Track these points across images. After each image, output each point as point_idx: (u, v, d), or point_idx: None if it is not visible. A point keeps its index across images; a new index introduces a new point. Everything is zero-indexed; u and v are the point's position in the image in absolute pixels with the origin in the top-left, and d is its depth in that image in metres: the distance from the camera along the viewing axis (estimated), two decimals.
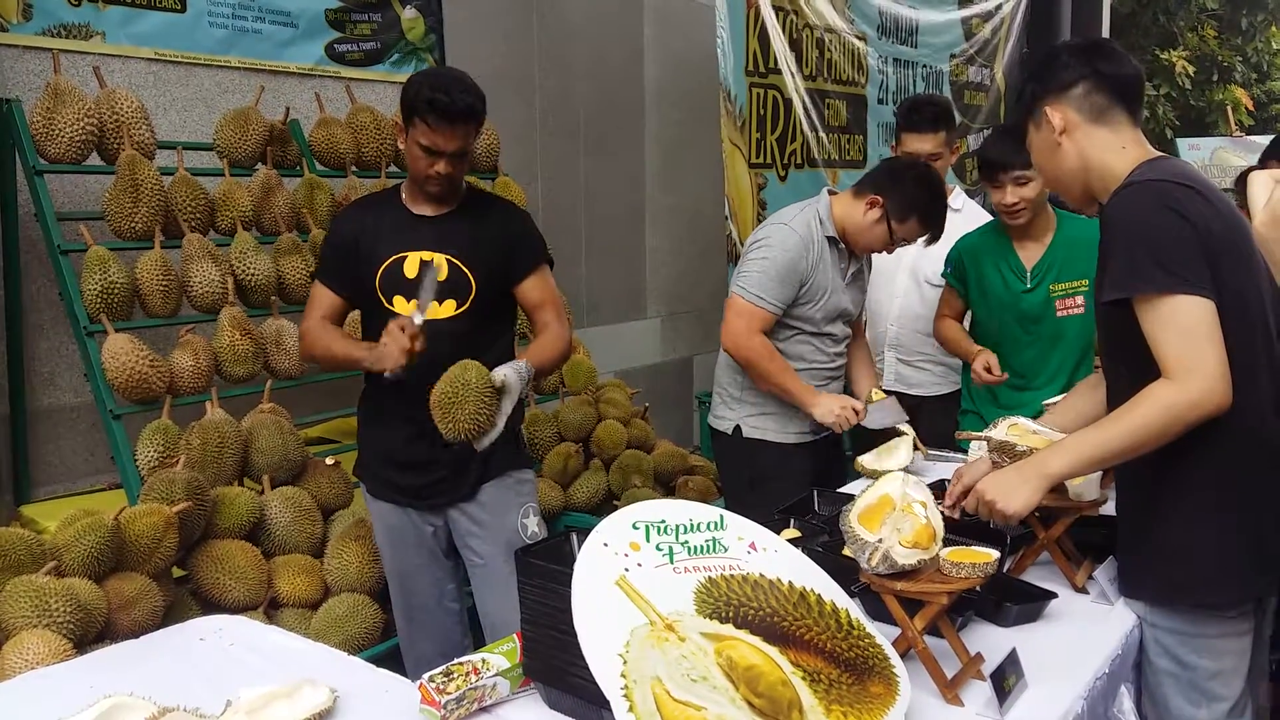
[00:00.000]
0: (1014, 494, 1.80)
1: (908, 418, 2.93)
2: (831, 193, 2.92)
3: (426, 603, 2.63)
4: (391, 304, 2.45)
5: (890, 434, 2.88)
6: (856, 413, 2.80)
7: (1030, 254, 3.00)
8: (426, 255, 2.43)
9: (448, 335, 2.40)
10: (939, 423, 3.31)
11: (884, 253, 2.91)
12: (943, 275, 3.21)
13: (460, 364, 2.20)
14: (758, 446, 2.89)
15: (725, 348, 2.85)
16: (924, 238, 2.81)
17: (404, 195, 2.53)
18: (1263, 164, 3.07)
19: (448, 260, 2.44)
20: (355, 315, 2.73)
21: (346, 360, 2.46)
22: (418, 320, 2.28)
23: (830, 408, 2.79)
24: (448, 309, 2.44)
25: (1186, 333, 1.67)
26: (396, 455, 2.53)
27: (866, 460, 2.78)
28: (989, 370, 2.91)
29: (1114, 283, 1.76)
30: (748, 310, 2.76)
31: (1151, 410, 1.70)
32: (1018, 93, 2.10)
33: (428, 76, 2.42)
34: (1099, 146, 1.87)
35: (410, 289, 2.42)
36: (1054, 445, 1.85)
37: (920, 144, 3.30)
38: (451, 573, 2.65)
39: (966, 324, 3.26)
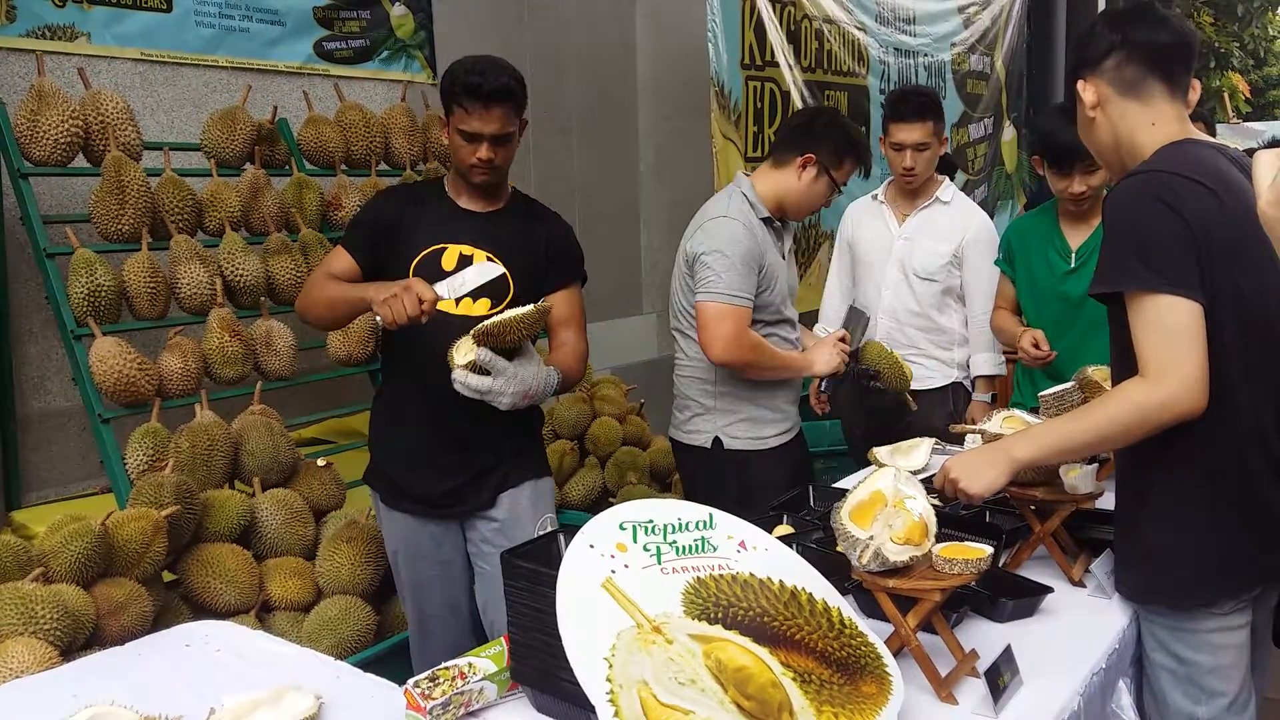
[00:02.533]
0: (979, 475, 1.78)
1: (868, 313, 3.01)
2: (748, 175, 2.83)
3: (440, 613, 2.55)
4: None
5: (908, 432, 2.84)
6: (845, 340, 2.78)
7: (1077, 235, 2.91)
8: (466, 249, 2.37)
9: None
10: (937, 416, 3.29)
11: (824, 207, 2.87)
12: (995, 264, 3.18)
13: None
14: (742, 457, 2.75)
15: (717, 359, 2.64)
16: (856, 173, 2.81)
17: (448, 188, 2.47)
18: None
19: (487, 258, 2.37)
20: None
21: (348, 299, 2.31)
22: (441, 294, 2.15)
23: (827, 356, 2.75)
24: (481, 307, 2.36)
25: (1165, 333, 1.63)
26: (415, 461, 2.45)
27: (881, 455, 2.69)
28: (1036, 346, 2.82)
29: (1100, 276, 1.73)
30: (730, 312, 2.60)
31: (1120, 407, 1.67)
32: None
33: (464, 63, 2.35)
34: (1129, 122, 1.81)
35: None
36: (1024, 431, 1.84)
37: (907, 134, 3.27)
38: (465, 585, 2.56)
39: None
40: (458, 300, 2.28)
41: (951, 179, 5.51)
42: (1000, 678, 1.55)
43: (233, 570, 2.65)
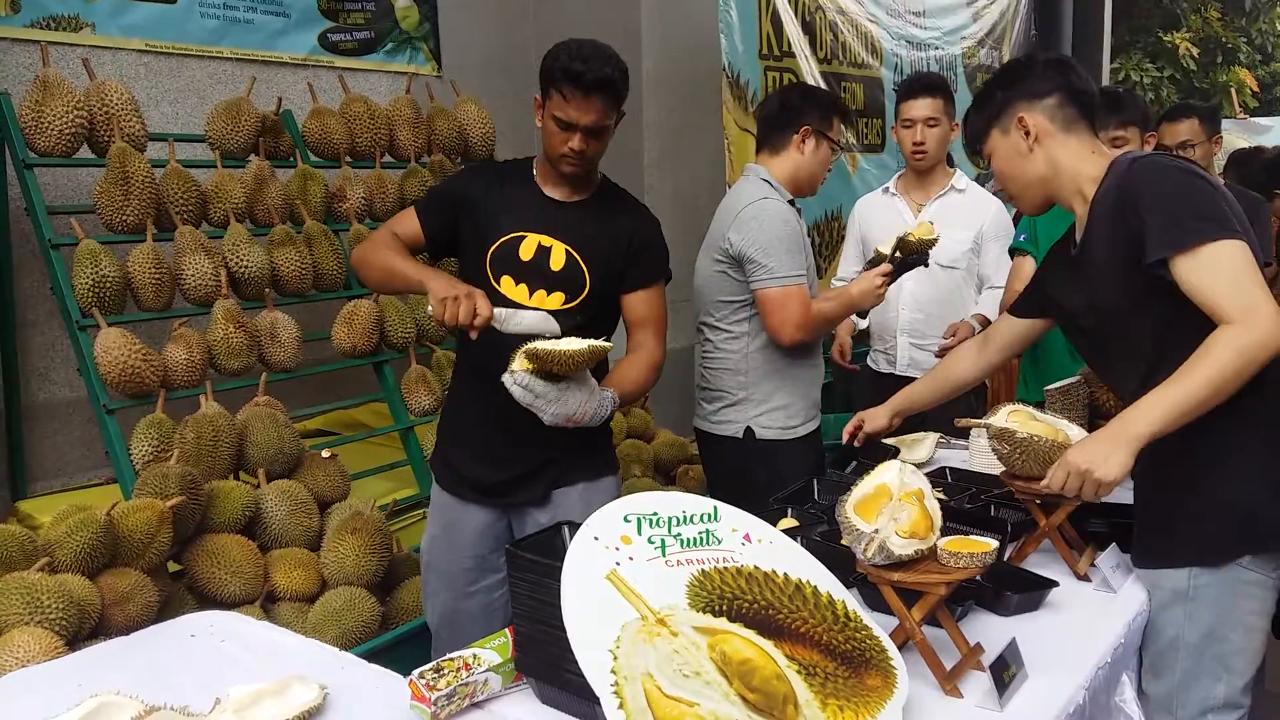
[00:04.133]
0: (1109, 459, 1.74)
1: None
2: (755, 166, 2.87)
3: (470, 608, 2.48)
4: (499, 283, 2.31)
5: (913, 425, 2.83)
6: (882, 271, 2.72)
7: None
8: (546, 240, 2.31)
9: None
10: (953, 406, 3.28)
11: (828, 173, 2.91)
12: (1014, 245, 3.12)
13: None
14: (773, 447, 2.75)
15: (790, 340, 2.66)
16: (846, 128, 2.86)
17: (536, 172, 2.40)
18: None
19: (566, 250, 2.31)
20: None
21: (408, 277, 2.25)
22: (498, 317, 2.10)
23: (867, 292, 2.71)
24: (555, 301, 2.30)
25: (1237, 275, 1.71)
26: (475, 447, 2.42)
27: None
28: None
29: (1160, 242, 1.76)
30: (794, 294, 2.63)
31: (1224, 354, 1.69)
32: (979, 97, 2.09)
33: (568, 46, 2.25)
34: (1072, 154, 1.95)
35: (521, 272, 2.31)
36: (1133, 407, 1.78)
37: (916, 110, 3.32)
38: (496, 585, 2.49)
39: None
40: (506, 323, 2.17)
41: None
42: (1005, 671, 1.55)
43: (238, 561, 2.65)
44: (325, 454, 3.10)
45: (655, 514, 1.51)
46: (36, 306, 3.34)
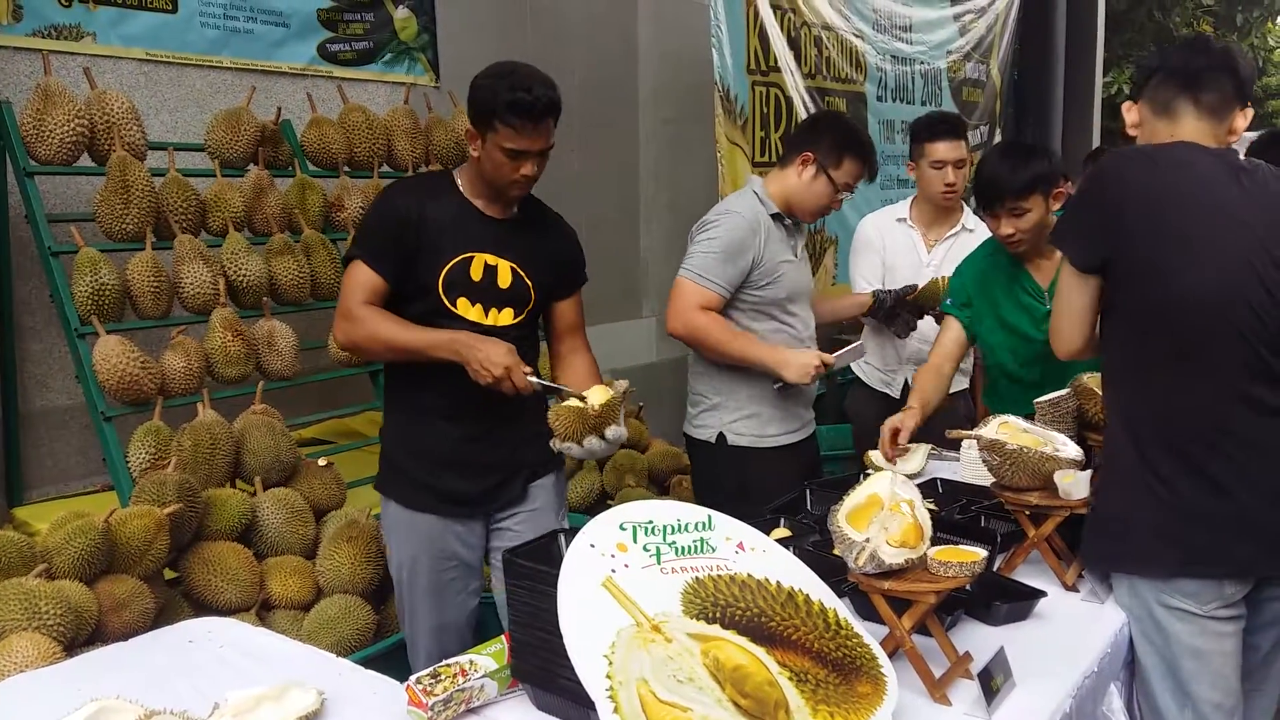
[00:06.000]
0: None
1: (865, 351, 2.99)
2: (760, 176, 2.93)
3: (457, 621, 2.49)
4: (455, 306, 2.31)
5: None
6: (825, 364, 2.72)
7: (1044, 273, 2.68)
8: (491, 259, 2.33)
9: (512, 341, 2.30)
10: (949, 421, 3.31)
11: (832, 209, 2.88)
12: (943, 308, 2.89)
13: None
14: (744, 454, 2.79)
15: (672, 331, 2.75)
16: (864, 178, 2.80)
17: (464, 188, 2.37)
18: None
19: (511, 268, 2.35)
20: None
21: (418, 348, 2.23)
22: (532, 383, 2.19)
23: (802, 364, 2.69)
24: (505, 317, 2.35)
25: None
26: (446, 461, 2.39)
27: (877, 458, 2.67)
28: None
29: None
30: (691, 289, 2.72)
31: None
32: None
33: (499, 76, 2.22)
34: (1155, 138, 1.94)
35: (474, 292, 2.31)
36: None
37: (948, 152, 3.37)
38: (477, 590, 2.53)
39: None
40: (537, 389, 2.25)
41: None
42: (993, 679, 1.58)
43: (234, 568, 2.67)
44: (321, 462, 3.12)
45: (651, 522, 1.53)
46: (35, 313, 3.35)
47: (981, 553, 1.60)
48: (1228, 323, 1.79)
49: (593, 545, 1.46)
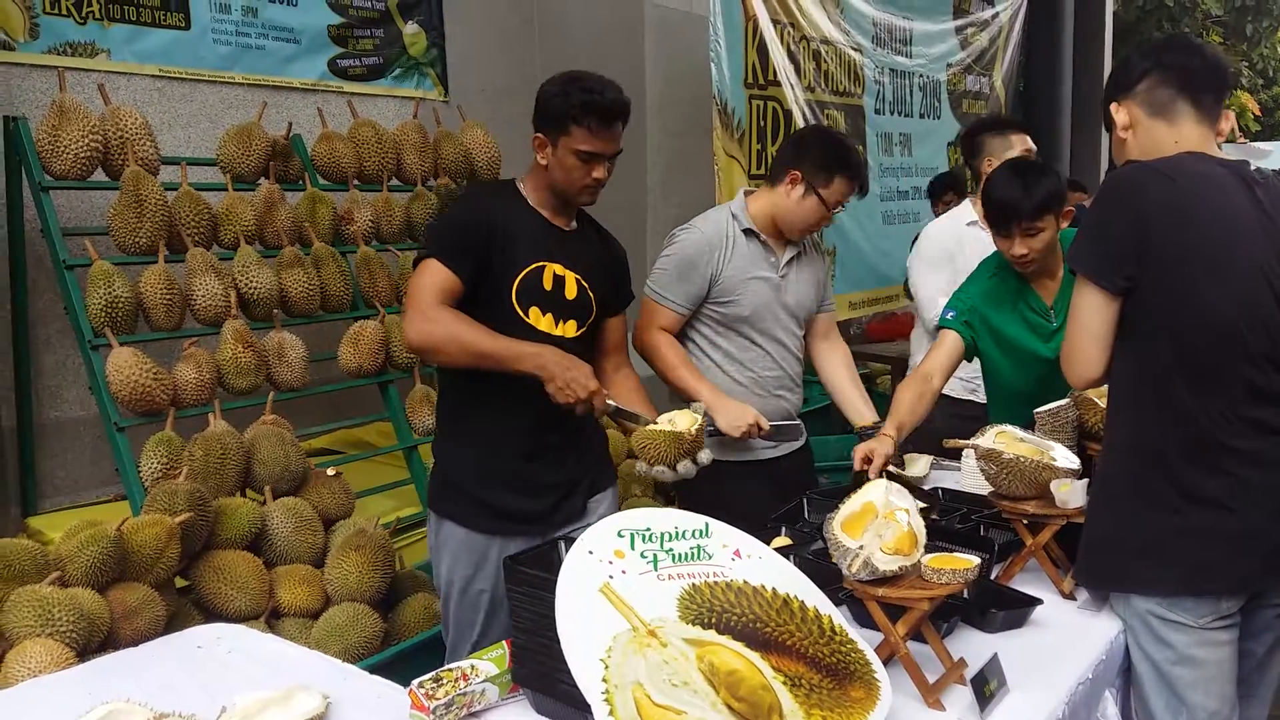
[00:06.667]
0: None
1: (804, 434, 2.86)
2: (748, 192, 2.87)
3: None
4: (527, 314, 2.28)
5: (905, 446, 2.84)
6: (760, 427, 2.60)
7: (1049, 291, 2.64)
8: (559, 270, 2.31)
9: (574, 352, 2.27)
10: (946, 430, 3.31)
11: (824, 225, 2.80)
12: (942, 321, 2.72)
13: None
14: (719, 468, 2.58)
15: (634, 346, 2.73)
16: (855, 194, 2.73)
17: (531, 199, 2.35)
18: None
19: (576, 279, 2.33)
20: None
21: (497, 356, 2.15)
22: (610, 405, 2.21)
23: (734, 419, 2.60)
24: (570, 328, 2.34)
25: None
26: (512, 481, 2.34)
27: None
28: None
29: None
30: (648, 307, 2.74)
31: None
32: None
33: (570, 81, 2.23)
34: (1154, 142, 1.90)
35: (546, 302, 2.30)
36: None
37: (1025, 142, 3.33)
38: None
39: (965, 371, 2.94)
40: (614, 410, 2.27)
41: (961, 196, 5.52)
42: (986, 685, 1.60)
43: (243, 577, 2.70)
44: (330, 472, 3.16)
45: (648, 529, 1.56)
46: (49, 325, 3.41)
47: (974, 560, 1.62)
48: (1240, 341, 1.77)
49: (591, 552, 1.49)
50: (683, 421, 2.21)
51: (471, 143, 4.10)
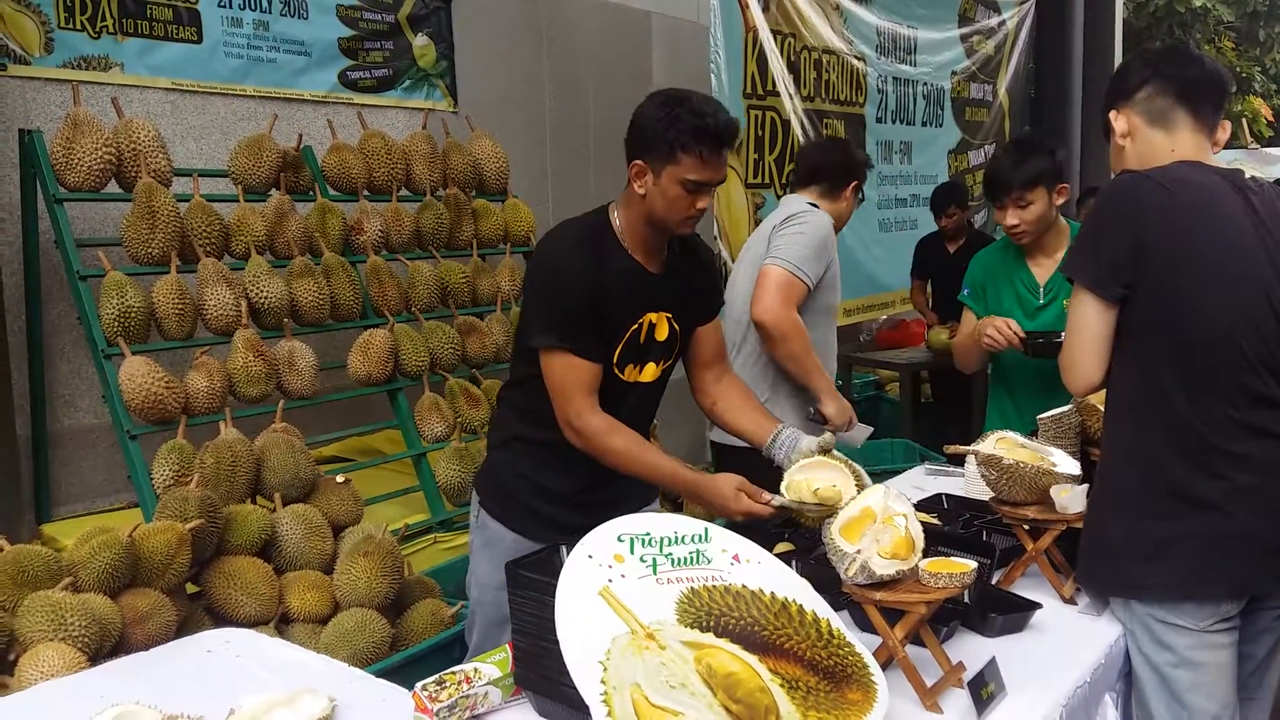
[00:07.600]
0: None
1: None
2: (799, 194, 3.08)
3: None
4: (623, 372, 2.20)
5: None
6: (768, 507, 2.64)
7: (1044, 270, 2.86)
8: (654, 317, 2.19)
9: (648, 393, 2.27)
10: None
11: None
12: (960, 298, 3.02)
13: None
14: (725, 450, 2.75)
15: (759, 320, 2.70)
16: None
17: (627, 243, 2.16)
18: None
19: (667, 319, 2.22)
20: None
21: (676, 484, 2.16)
22: (774, 507, 2.01)
23: (843, 408, 2.84)
24: (649, 373, 2.24)
25: None
26: (572, 498, 2.29)
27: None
28: (1008, 327, 2.67)
29: None
30: (787, 281, 2.70)
31: None
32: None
33: (675, 103, 2.03)
34: (1151, 151, 1.92)
35: (638, 353, 2.19)
36: None
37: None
38: None
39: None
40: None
41: (963, 209, 5.51)
42: (984, 688, 1.61)
43: (253, 582, 2.73)
44: (339, 479, 3.19)
45: (648, 534, 1.58)
46: (63, 335, 3.46)
47: (971, 564, 1.63)
48: (1238, 348, 1.79)
49: (590, 556, 1.51)
50: (841, 488, 1.93)
51: (480, 153, 4.14)
